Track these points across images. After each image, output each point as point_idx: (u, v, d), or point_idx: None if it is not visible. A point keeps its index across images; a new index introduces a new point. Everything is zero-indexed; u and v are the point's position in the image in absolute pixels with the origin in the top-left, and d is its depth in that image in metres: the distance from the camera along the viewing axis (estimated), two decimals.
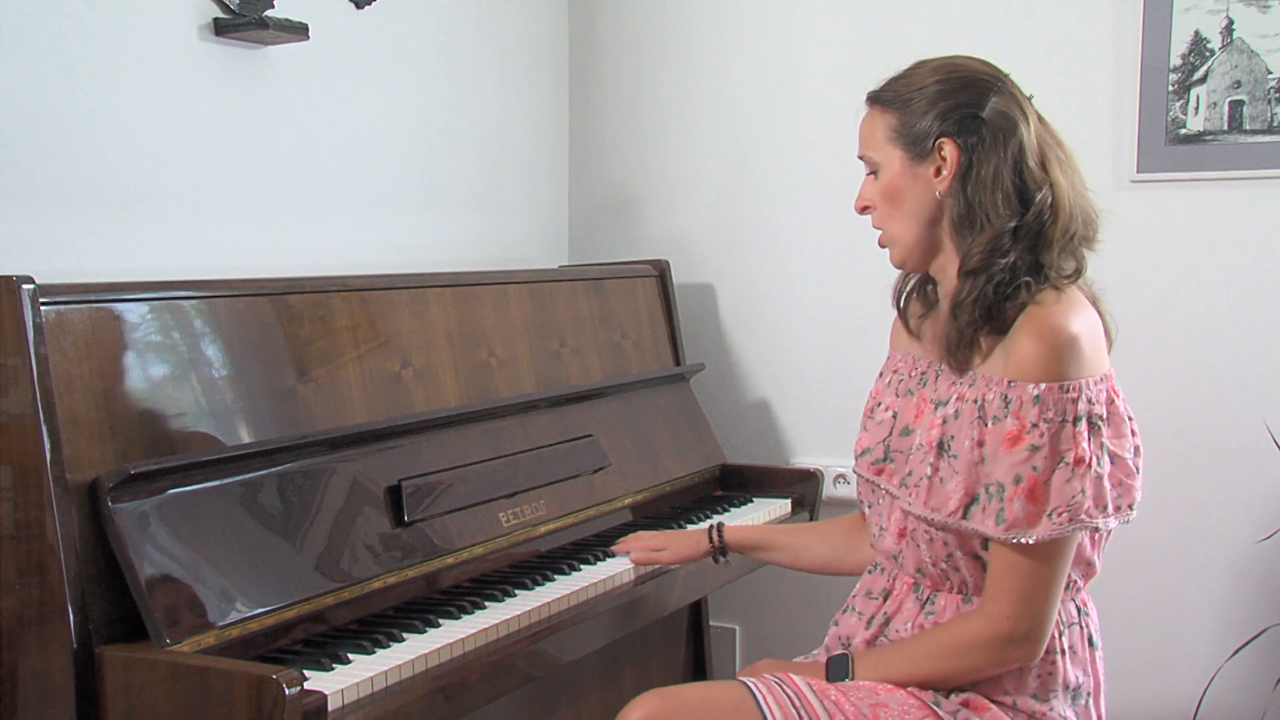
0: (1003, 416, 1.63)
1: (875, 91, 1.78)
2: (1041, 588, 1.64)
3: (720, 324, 3.19)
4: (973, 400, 1.68)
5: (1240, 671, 2.64)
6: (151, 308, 1.85)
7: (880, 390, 1.89)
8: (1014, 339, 1.65)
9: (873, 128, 1.76)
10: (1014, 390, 1.63)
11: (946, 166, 1.70)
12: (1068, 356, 1.62)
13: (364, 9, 2.63)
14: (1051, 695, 1.71)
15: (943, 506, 1.68)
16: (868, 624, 1.82)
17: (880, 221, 1.77)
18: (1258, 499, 2.66)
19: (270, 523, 1.86)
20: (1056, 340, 1.62)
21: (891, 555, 1.81)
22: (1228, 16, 2.61)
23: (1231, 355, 2.67)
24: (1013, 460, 1.62)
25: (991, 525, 1.63)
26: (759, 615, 3.16)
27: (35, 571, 1.65)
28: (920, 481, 1.72)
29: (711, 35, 3.14)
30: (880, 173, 1.75)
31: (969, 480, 1.66)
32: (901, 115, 1.73)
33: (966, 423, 1.67)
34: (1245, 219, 2.65)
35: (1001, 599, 1.65)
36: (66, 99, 2.10)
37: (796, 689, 1.68)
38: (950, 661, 1.68)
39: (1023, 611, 1.64)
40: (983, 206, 1.68)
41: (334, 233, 2.60)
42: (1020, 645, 1.65)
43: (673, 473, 2.74)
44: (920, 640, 1.73)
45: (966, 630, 1.68)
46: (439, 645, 1.83)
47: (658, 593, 2.29)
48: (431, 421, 2.20)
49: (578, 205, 3.32)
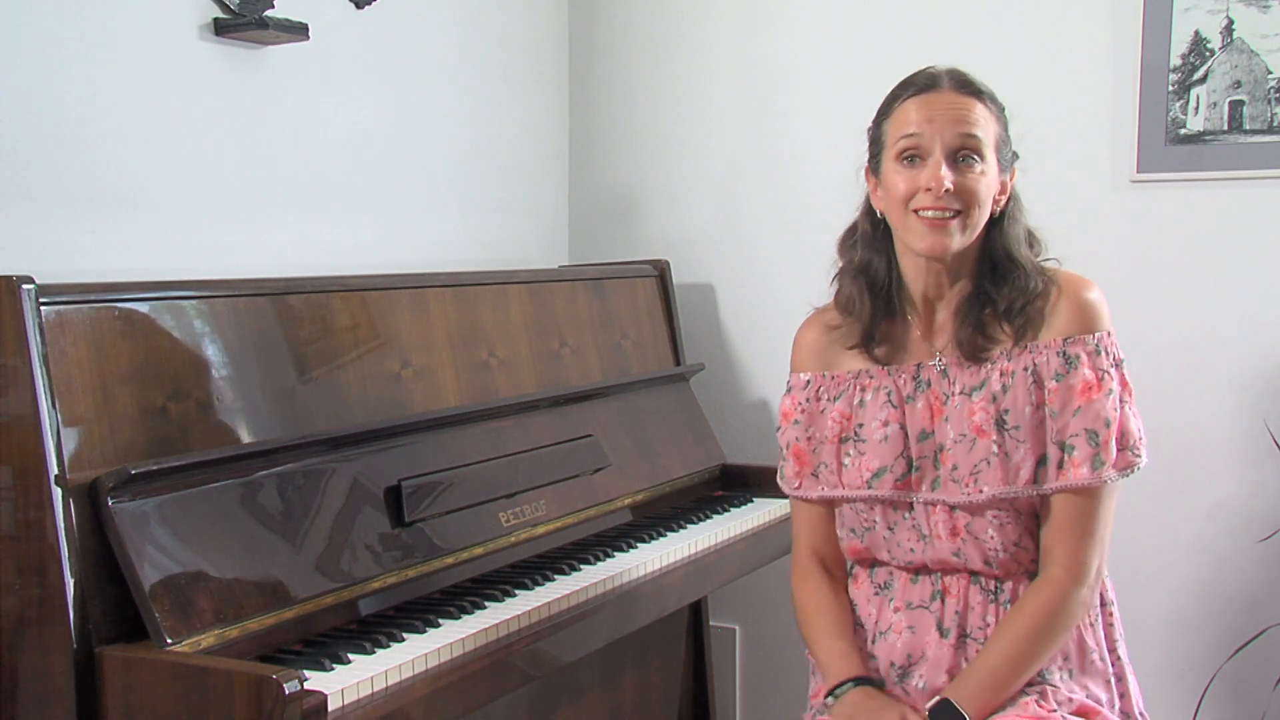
0: (1065, 372, 1.73)
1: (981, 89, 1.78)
2: (1104, 525, 1.75)
3: (720, 324, 3.19)
4: (1022, 369, 1.75)
5: (1240, 671, 2.64)
6: (151, 308, 1.85)
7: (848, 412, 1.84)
8: (1052, 307, 1.76)
9: (985, 120, 1.76)
10: (1072, 346, 1.74)
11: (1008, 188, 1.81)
12: (1104, 309, 1.77)
13: (364, 9, 2.63)
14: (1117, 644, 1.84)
15: (1018, 478, 1.74)
16: (940, 630, 1.78)
17: (962, 206, 1.74)
18: (1258, 499, 2.66)
19: (270, 523, 1.86)
20: (1093, 297, 1.77)
21: (949, 557, 1.78)
22: (1228, 16, 2.61)
23: (1231, 355, 2.67)
24: (1100, 407, 1.71)
25: (1086, 473, 1.71)
26: (759, 615, 3.16)
27: (35, 571, 1.65)
28: (980, 466, 1.74)
29: (712, 35, 3.14)
30: (984, 168, 1.75)
31: (1035, 444, 1.74)
32: (1005, 128, 1.80)
33: (1021, 391, 1.74)
34: (1245, 219, 2.65)
35: (1074, 545, 1.72)
36: (67, 99, 2.10)
37: None
38: (1048, 631, 1.72)
39: (1093, 552, 1.74)
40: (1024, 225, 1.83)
41: (334, 233, 2.60)
42: (1091, 587, 1.75)
43: (673, 473, 2.74)
44: (1005, 633, 1.72)
45: (1050, 591, 1.72)
46: (439, 645, 1.83)
47: (658, 593, 2.28)
48: (431, 421, 2.20)
49: (578, 205, 3.32)
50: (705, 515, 2.64)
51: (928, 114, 1.75)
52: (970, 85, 1.78)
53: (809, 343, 1.93)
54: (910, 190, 1.75)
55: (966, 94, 1.76)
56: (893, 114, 1.79)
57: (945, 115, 1.74)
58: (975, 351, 1.78)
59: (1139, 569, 2.72)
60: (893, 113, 1.80)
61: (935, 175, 1.72)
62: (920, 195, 1.74)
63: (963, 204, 1.73)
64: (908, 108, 1.77)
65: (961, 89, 1.76)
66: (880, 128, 1.82)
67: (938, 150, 1.73)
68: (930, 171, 1.73)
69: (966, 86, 1.77)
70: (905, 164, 1.76)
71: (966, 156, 1.74)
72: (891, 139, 1.78)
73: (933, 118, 1.74)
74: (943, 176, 1.72)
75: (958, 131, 1.73)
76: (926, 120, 1.74)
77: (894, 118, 1.79)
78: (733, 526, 2.58)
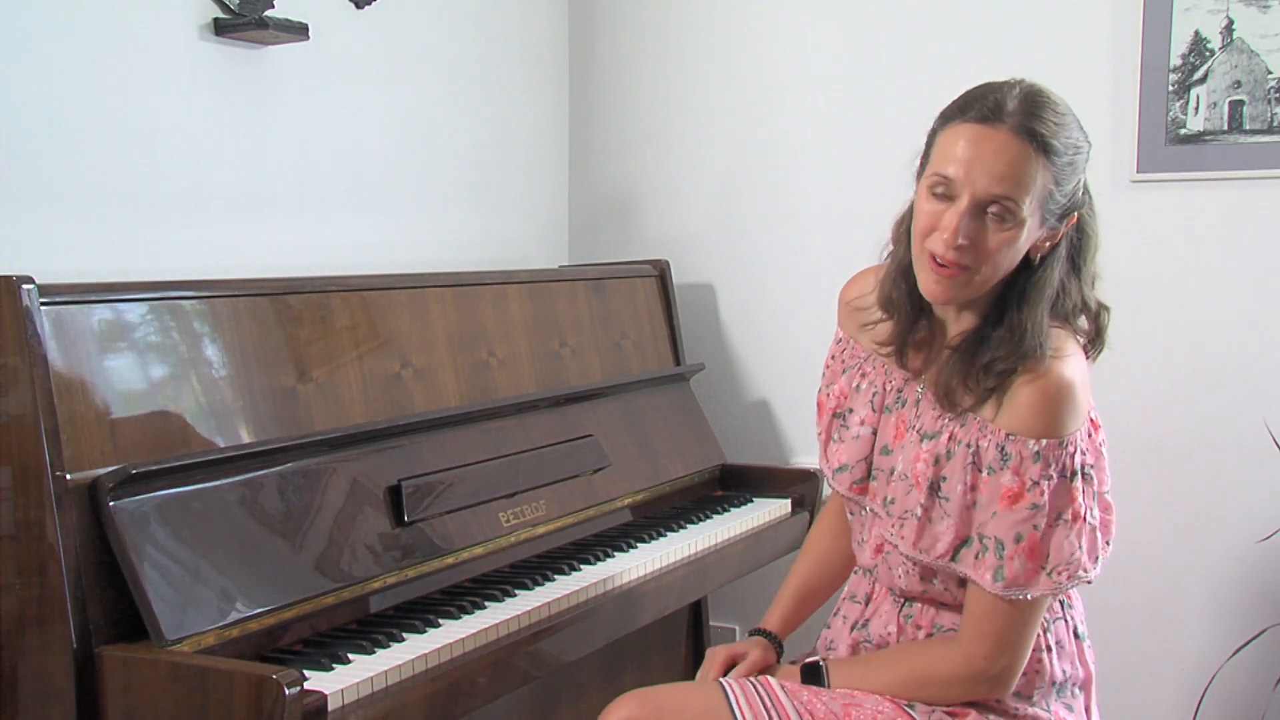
0: (998, 468, 1.61)
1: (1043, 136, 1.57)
2: (1021, 633, 1.64)
3: (720, 324, 3.18)
4: (965, 444, 1.64)
5: (1240, 671, 2.64)
6: (151, 308, 1.85)
7: (847, 391, 1.82)
8: (1017, 392, 1.61)
9: (1030, 179, 1.57)
10: (1012, 444, 1.60)
11: (1059, 236, 1.64)
12: (1067, 410, 1.60)
13: (364, 9, 2.63)
14: (1036, 691, 1.71)
15: (931, 548, 1.67)
16: (851, 628, 1.82)
17: (972, 263, 1.60)
18: (1258, 499, 2.66)
19: (270, 523, 1.86)
20: (1057, 395, 1.60)
21: (868, 569, 1.81)
22: (1228, 16, 2.61)
23: (1231, 355, 2.67)
24: (1014, 519, 1.60)
25: (989, 580, 1.61)
26: (759, 615, 3.14)
27: (35, 571, 1.65)
28: (906, 516, 1.69)
29: (712, 35, 3.14)
30: (1012, 229, 1.58)
31: (960, 523, 1.65)
32: (1061, 182, 1.60)
33: (959, 466, 1.64)
34: (1245, 219, 2.65)
35: (980, 640, 1.64)
36: (67, 99, 2.10)
37: (770, 690, 1.69)
38: (922, 691, 1.68)
39: (1000, 653, 1.64)
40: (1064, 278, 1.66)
41: (334, 233, 2.60)
42: (993, 683, 1.66)
43: (673, 473, 2.74)
44: (894, 661, 1.72)
45: (941, 665, 1.68)
46: (439, 645, 1.83)
47: (658, 593, 2.29)
48: (431, 421, 2.20)
49: (578, 205, 3.32)
50: (705, 515, 2.64)
51: (970, 156, 1.58)
52: (1034, 131, 1.57)
53: (848, 300, 1.86)
54: (929, 226, 1.61)
55: (1024, 140, 1.56)
56: (943, 134, 1.63)
57: (987, 165, 1.57)
58: (949, 401, 1.66)
59: (1139, 569, 2.72)
60: (944, 131, 1.63)
61: (952, 225, 1.58)
62: (935, 236, 1.60)
63: (974, 261, 1.59)
64: (957, 135, 1.60)
65: (1021, 134, 1.56)
66: (932, 140, 1.65)
67: (965, 199, 1.58)
68: (950, 219, 1.58)
69: (1029, 133, 1.57)
70: (934, 196, 1.61)
71: (997, 213, 1.58)
72: (932, 162, 1.63)
73: (973, 162, 1.57)
74: (958, 229, 1.58)
75: (991, 191, 1.56)
76: (966, 162, 1.58)
77: (942, 138, 1.62)
78: (732, 526, 2.58)
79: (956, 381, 1.66)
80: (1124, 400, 2.59)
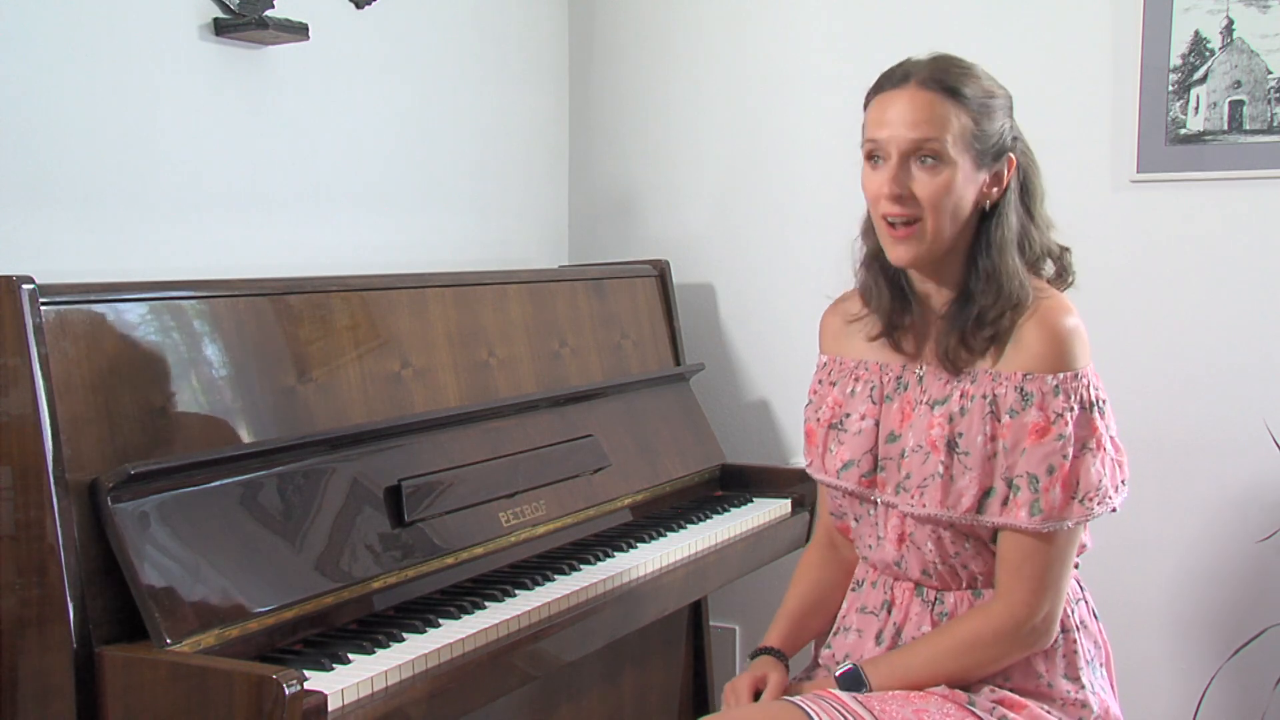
0: (1020, 409, 1.67)
1: (948, 83, 1.68)
2: (1057, 572, 1.69)
3: (720, 324, 3.19)
4: (980, 396, 1.70)
5: (1240, 671, 2.64)
6: (151, 308, 1.85)
7: (841, 400, 1.85)
8: (1022, 334, 1.69)
9: (944, 119, 1.67)
10: (1031, 383, 1.67)
11: (1005, 180, 1.72)
12: (1076, 346, 1.69)
13: (364, 9, 2.63)
14: (1081, 672, 1.75)
15: (957, 504, 1.70)
16: (877, 639, 1.81)
17: (918, 211, 1.68)
18: (1258, 499, 2.66)
19: (270, 523, 1.86)
20: (1065, 332, 1.69)
21: (892, 563, 1.80)
22: (1228, 16, 2.61)
23: (1231, 355, 2.67)
24: (1043, 451, 1.66)
25: (1024, 517, 1.66)
26: (759, 615, 3.15)
27: (35, 571, 1.65)
28: (927, 482, 1.72)
29: (712, 35, 3.14)
30: (944, 170, 1.67)
31: (982, 475, 1.69)
32: (980, 121, 1.69)
33: (977, 419, 1.70)
34: (1245, 219, 2.65)
35: (1020, 586, 1.68)
36: (66, 99, 2.10)
37: (843, 703, 1.67)
38: (973, 655, 1.70)
39: (1042, 597, 1.69)
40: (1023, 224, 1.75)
41: (334, 233, 2.60)
42: (1038, 631, 1.70)
43: (673, 473, 2.74)
44: (935, 639, 1.73)
45: (987, 622, 1.70)
46: (439, 645, 1.83)
47: (658, 593, 2.29)
48: (431, 421, 2.20)
49: (578, 205, 3.32)
50: (705, 515, 2.64)
51: (886, 115, 1.69)
52: (940, 80, 1.68)
53: (827, 325, 1.93)
54: (873, 193, 1.71)
55: (931, 90, 1.68)
56: (867, 110, 1.74)
57: (901, 117, 1.68)
58: (954, 363, 1.73)
59: (1139, 569, 2.72)
60: (868, 109, 1.75)
61: (887, 177, 1.68)
62: (881, 201, 1.70)
63: (919, 209, 1.68)
64: (877, 105, 1.72)
65: (928, 85, 1.68)
66: (863, 122, 1.76)
67: (894, 153, 1.68)
68: (884, 174, 1.69)
69: (935, 82, 1.68)
70: (871, 165, 1.72)
71: (925, 158, 1.67)
72: (863, 138, 1.74)
73: (889, 119, 1.69)
74: (893, 179, 1.67)
75: (910, 136, 1.67)
76: (884, 122, 1.69)
77: (868, 115, 1.74)
78: (732, 527, 2.58)
79: (954, 341, 1.72)
80: (1124, 400, 2.57)
